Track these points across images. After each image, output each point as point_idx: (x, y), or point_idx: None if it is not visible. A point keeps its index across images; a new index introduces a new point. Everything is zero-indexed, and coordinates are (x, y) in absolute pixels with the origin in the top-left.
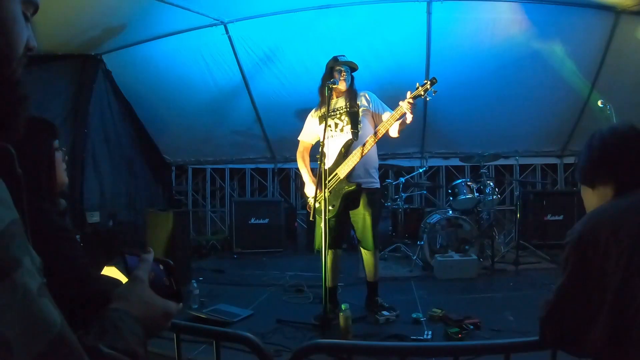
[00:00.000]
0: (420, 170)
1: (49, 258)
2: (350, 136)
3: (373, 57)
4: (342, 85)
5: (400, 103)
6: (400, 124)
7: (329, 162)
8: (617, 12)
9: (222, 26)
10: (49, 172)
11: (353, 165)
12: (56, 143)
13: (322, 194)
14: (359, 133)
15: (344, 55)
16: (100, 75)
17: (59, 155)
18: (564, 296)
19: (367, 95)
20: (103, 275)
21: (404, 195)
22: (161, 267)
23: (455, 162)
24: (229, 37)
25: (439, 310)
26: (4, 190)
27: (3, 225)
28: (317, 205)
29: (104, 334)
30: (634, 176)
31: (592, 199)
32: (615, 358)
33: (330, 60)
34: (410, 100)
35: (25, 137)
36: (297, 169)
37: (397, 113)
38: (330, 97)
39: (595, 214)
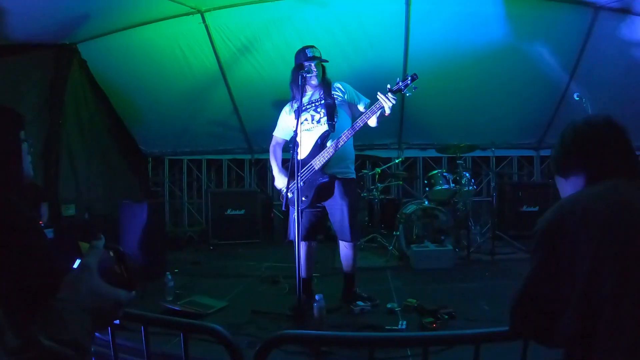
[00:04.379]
0: (397, 161)
1: (17, 249)
2: (326, 127)
3: (351, 48)
4: (314, 81)
5: (379, 95)
6: (379, 115)
7: (304, 153)
8: (595, 9)
9: (199, 15)
10: (16, 164)
11: (329, 157)
12: (22, 134)
13: (295, 184)
14: (335, 124)
15: (312, 47)
16: (76, 65)
17: (24, 147)
18: (533, 285)
19: (340, 86)
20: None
21: (380, 185)
22: (112, 254)
23: (432, 153)
24: (206, 26)
25: (414, 300)
26: None
27: None
28: (289, 195)
29: (48, 325)
30: (605, 166)
31: (566, 188)
32: (584, 347)
33: (299, 54)
34: (389, 95)
35: None
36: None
37: (375, 107)
38: (304, 86)
39: (564, 202)
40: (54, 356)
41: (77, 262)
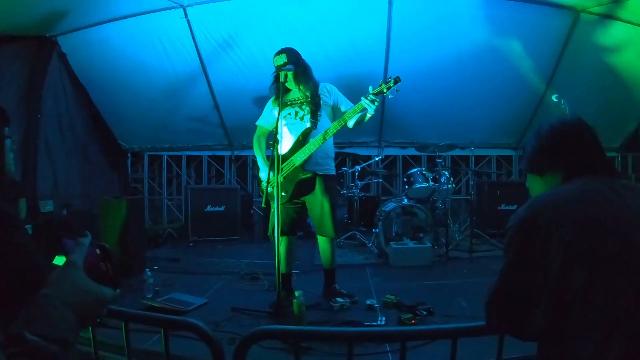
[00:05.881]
0: (377, 159)
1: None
2: (309, 125)
3: (332, 46)
4: (290, 85)
5: (362, 99)
6: (359, 117)
7: (285, 148)
8: (576, 12)
9: (182, 9)
10: None
11: (310, 153)
12: (6, 131)
13: (275, 179)
14: (318, 123)
15: (276, 56)
16: (55, 58)
17: (7, 144)
18: (506, 280)
19: (327, 88)
20: (54, 264)
21: (360, 183)
22: (98, 251)
23: (412, 151)
24: (188, 21)
25: (393, 297)
26: None
27: None
28: (270, 190)
29: (32, 321)
30: (582, 163)
31: (539, 186)
32: (557, 340)
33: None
34: (372, 97)
35: None
36: (254, 156)
37: (357, 107)
38: (284, 82)
39: (538, 199)
40: (39, 352)
41: (59, 259)
